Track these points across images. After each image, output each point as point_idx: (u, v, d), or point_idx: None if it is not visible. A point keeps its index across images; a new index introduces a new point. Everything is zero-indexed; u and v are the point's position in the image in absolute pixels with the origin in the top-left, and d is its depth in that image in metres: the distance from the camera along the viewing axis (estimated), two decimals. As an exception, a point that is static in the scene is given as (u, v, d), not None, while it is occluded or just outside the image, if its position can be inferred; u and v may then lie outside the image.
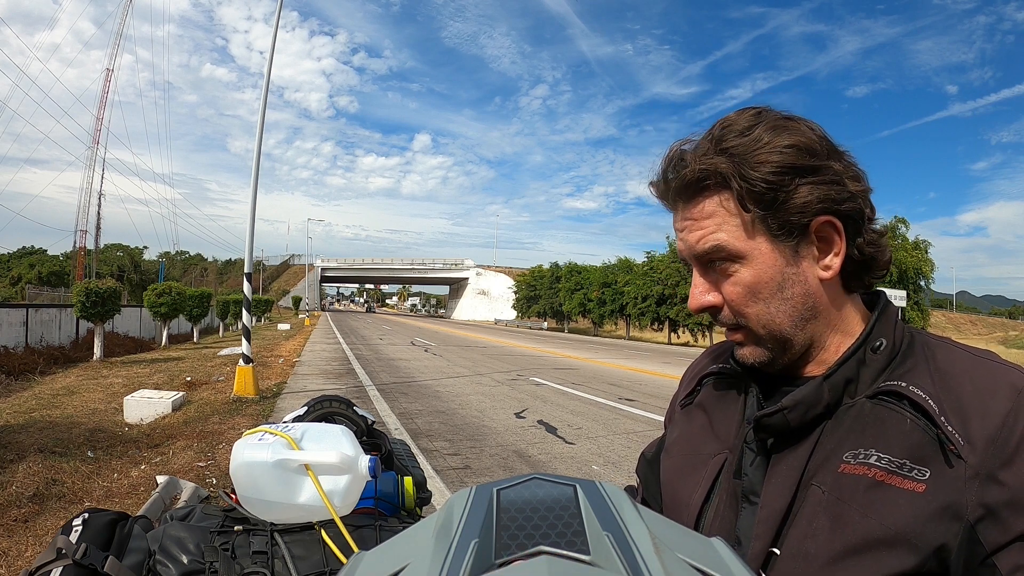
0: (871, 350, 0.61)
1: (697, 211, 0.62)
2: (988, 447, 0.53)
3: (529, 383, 11.11)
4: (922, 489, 0.54)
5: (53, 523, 3.54)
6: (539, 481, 0.36)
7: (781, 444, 0.62)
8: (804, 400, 0.59)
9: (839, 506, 0.56)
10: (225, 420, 6.69)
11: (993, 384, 0.56)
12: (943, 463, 0.54)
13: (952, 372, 0.58)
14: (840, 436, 0.59)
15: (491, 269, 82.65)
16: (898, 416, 0.57)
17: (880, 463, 0.55)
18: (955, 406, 0.55)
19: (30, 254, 64.15)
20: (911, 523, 0.53)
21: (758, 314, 0.62)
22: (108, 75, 54.73)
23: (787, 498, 0.59)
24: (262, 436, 0.84)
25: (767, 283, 0.61)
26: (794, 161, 0.58)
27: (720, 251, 0.61)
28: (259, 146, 9.39)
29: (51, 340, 15.29)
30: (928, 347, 0.62)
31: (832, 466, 0.58)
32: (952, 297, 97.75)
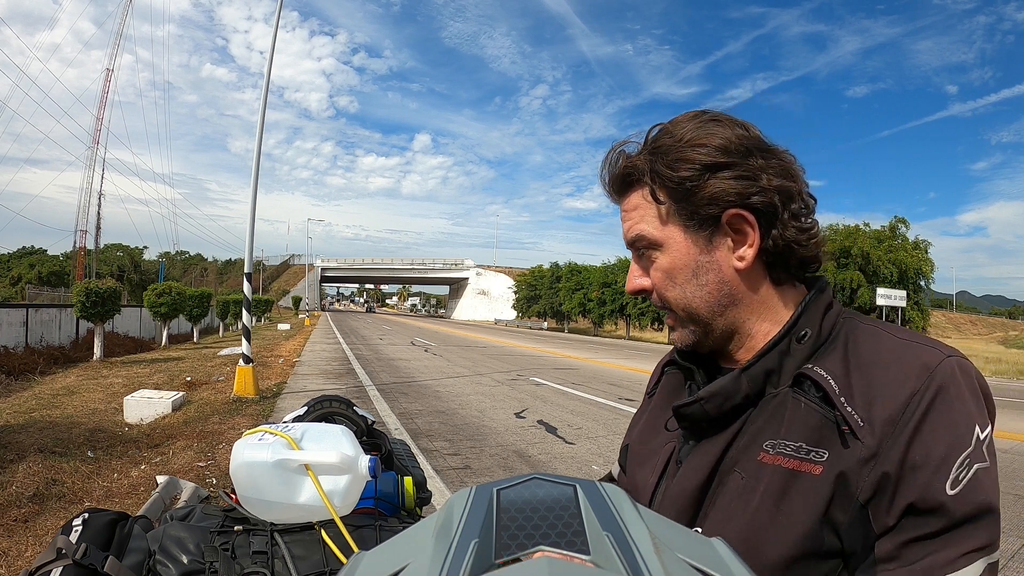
0: (796, 340, 0.63)
1: (627, 203, 0.69)
2: (886, 428, 0.54)
3: (529, 383, 11.11)
4: (819, 471, 0.55)
5: (53, 523, 3.54)
6: (539, 481, 0.36)
7: (710, 431, 0.65)
8: (721, 391, 0.62)
9: (754, 493, 0.58)
10: (225, 420, 6.69)
11: (906, 366, 0.57)
12: (840, 444, 0.55)
13: (871, 358, 0.59)
14: (761, 425, 0.61)
15: (491, 269, 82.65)
16: (802, 401, 0.59)
17: (787, 451, 0.58)
18: (865, 389, 0.56)
19: (30, 254, 64.15)
20: (812, 505, 0.55)
21: (676, 298, 0.67)
22: (108, 75, 54.74)
23: (699, 481, 0.63)
24: (262, 436, 0.84)
25: (682, 269, 0.65)
26: (705, 158, 0.62)
27: (642, 239, 0.67)
28: (259, 146, 9.39)
29: (51, 340, 15.29)
30: (853, 334, 0.63)
31: (752, 454, 0.60)
32: (952, 297, 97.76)
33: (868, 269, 23.62)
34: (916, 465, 0.53)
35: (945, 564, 0.51)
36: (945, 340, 11.90)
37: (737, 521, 0.59)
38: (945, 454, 0.52)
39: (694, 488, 0.63)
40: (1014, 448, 6.58)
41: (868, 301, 22.72)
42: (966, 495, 0.52)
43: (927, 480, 0.52)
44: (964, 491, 0.52)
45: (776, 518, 0.57)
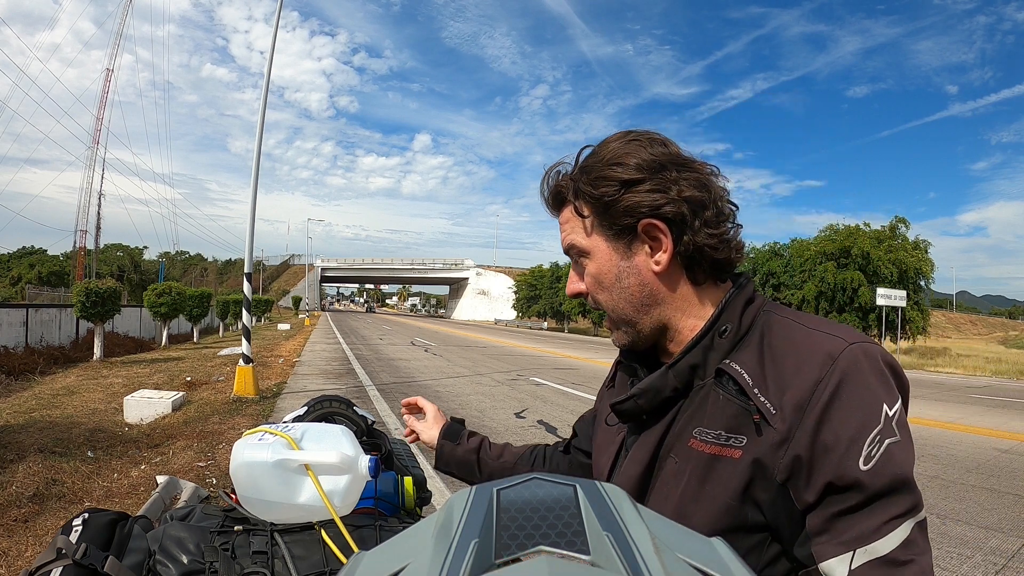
0: (718, 335, 0.69)
1: (562, 217, 0.76)
2: (795, 414, 0.59)
3: (529, 383, 11.11)
4: (738, 456, 0.62)
5: (53, 523, 3.54)
6: (539, 481, 0.36)
7: (648, 422, 0.72)
8: (651, 387, 0.69)
9: (685, 475, 0.66)
10: (225, 420, 6.68)
11: (811, 355, 0.61)
12: (754, 431, 0.61)
13: (783, 347, 0.64)
14: (691, 414, 0.68)
15: (491, 269, 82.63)
16: (720, 393, 0.65)
17: (708, 438, 0.65)
18: (777, 379, 0.62)
19: (30, 254, 64.14)
20: (731, 486, 0.62)
21: (605, 300, 0.74)
22: (108, 75, 54.72)
23: (641, 467, 0.70)
24: (262, 436, 0.84)
25: (606, 274, 0.73)
26: (622, 175, 0.69)
27: (573, 248, 0.74)
28: (259, 146, 9.39)
29: (51, 340, 15.28)
30: (769, 327, 0.68)
31: (685, 440, 0.67)
32: (952, 297, 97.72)
33: (868, 269, 23.59)
34: (828, 446, 0.58)
35: (872, 532, 0.56)
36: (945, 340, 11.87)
37: (671, 501, 0.66)
38: (855, 434, 0.57)
39: (638, 474, 0.70)
40: (1014, 448, 6.58)
41: (868, 301, 22.70)
42: (880, 469, 0.57)
43: (839, 459, 0.57)
44: (877, 466, 0.57)
45: (700, 497, 0.64)
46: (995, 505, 4.48)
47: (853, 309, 23.88)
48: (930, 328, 26.45)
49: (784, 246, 28.32)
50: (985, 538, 3.79)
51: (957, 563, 3.39)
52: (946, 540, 3.74)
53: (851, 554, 0.56)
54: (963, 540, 3.75)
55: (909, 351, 27.15)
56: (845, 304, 24.08)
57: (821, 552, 0.58)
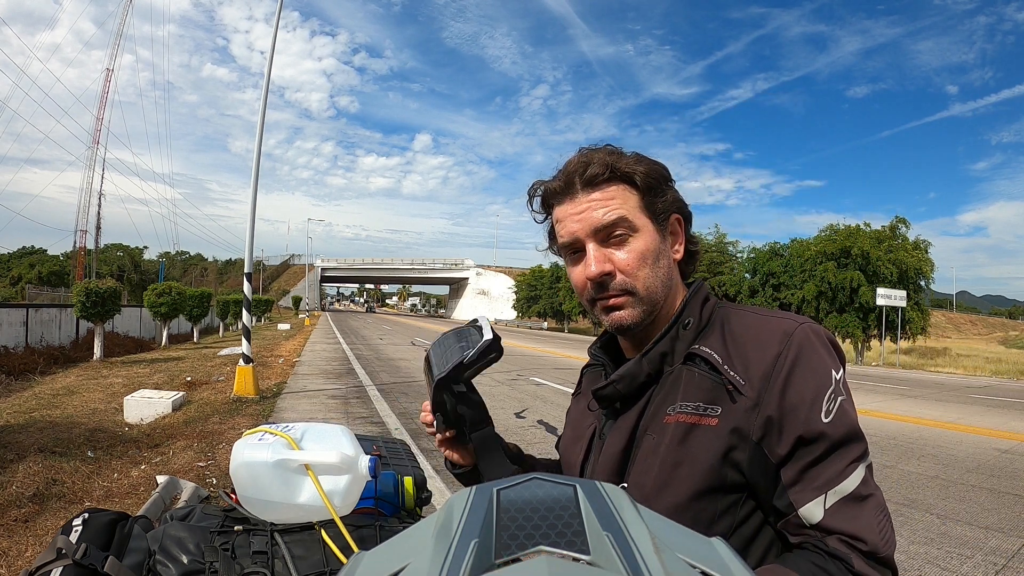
0: (682, 327, 0.79)
1: (602, 194, 0.79)
2: (763, 382, 0.70)
3: (529, 383, 11.11)
4: (715, 423, 0.71)
5: (53, 523, 3.54)
6: (539, 481, 0.36)
7: (623, 408, 0.80)
8: (627, 374, 0.78)
9: (663, 447, 0.73)
10: (225, 420, 6.68)
11: (769, 334, 0.73)
12: (729, 400, 0.71)
13: (740, 332, 0.76)
14: (663, 396, 0.76)
15: (491, 269, 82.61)
16: (695, 372, 0.75)
17: (686, 410, 0.73)
18: (740, 357, 0.73)
19: (30, 254, 64.13)
20: (711, 449, 0.70)
21: (645, 277, 0.78)
22: (108, 75, 54.72)
23: (621, 445, 0.77)
24: (262, 436, 0.84)
25: (651, 252, 0.78)
26: (662, 172, 0.81)
27: (623, 221, 0.77)
28: (259, 146, 9.38)
29: (51, 340, 15.28)
30: (726, 318, 0.79)
31: (659, 418, 0.75)
32: (952, 297, 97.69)
33: (868, 269, 23.55)
34: (794, 405, 0.68)
35: (838, 475, 0.67)
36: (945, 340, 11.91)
37: (651, 472, 0.73)
38: (815, 394, 0.69)
39: (618, 452, 0.78)
40: (1014, 448, 6.58)
41: (868, 301, 22.68)
42: (838, 421, 0.68)
43: (806, 415, 0.68)
44: (835, 419, 0.68)
45: (681, 462, 0.71)
46: (995, 505, 4.48)
47: (853, 309, 23.85)
48: (930, 328, 26.42)
49: (784, 246, 28.28)
50: (985, 538, 3.79)
51: (957, 563, 3.39)
52: (946, 540, 3.74)
53: (823, 496, 0.66)
54: (963, 540, 3.75)
55: (909, 351, 27.15)
56: (845, 304, 24.05)
57: (798, 499, 0.67)
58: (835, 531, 0.66)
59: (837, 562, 0.65)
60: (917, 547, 3.61)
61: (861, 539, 0.65)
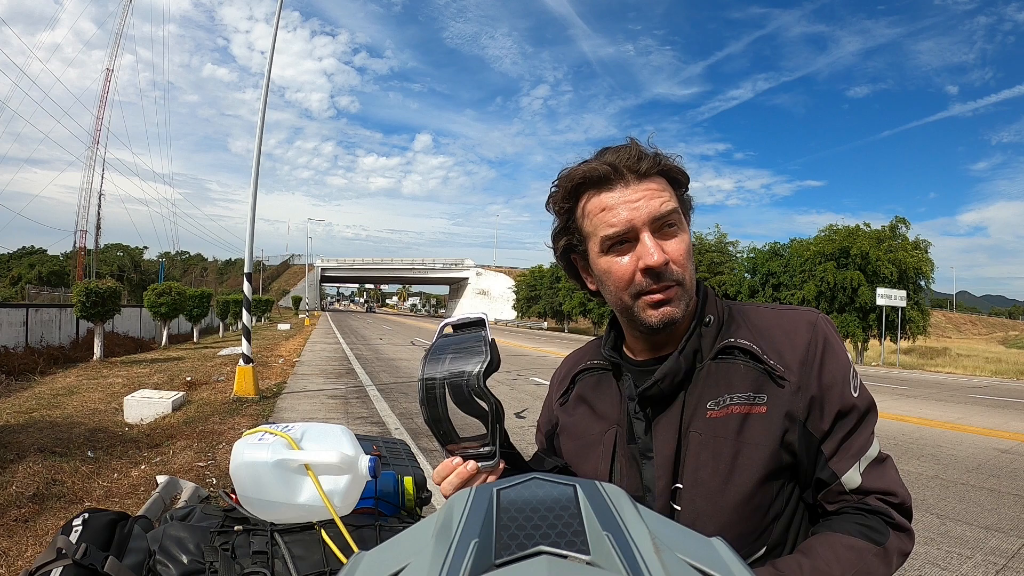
0: (704, 325, 0.81)
1: (655, 185, 0.79)
2: (801, 367, 0.76)
3: (529, 383, 11.11)
4: (764, 410, 0.75)
5: (53, 523, 3.54)
6: (539, 481, 0.36)
7: (657, 410, 0.80)
8: (670, 371, 0.78)
9: (714, 441, 0.75)
10: (225, 420, 6.68)
11: (794, 325, 0.79)
12: (775, 387, 0.76)
13: (763, 324, 0.81)
14: (699, 393, 0.78)
15: (491, 269, 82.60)
16: (735, 364, 0.78)
17: (737, 401, 0.76)
18: (771, 347, 0.78)
19: (30, 254, 64.14)
20: (764, 436, 0.74)
21: (690, 271, 0.79)
22: (108, 75, 54.74)
23: (672, 445, 0.78)
24: (262, 436, 0.84)
25: (689, 248, 0.80)
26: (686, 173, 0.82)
27: (675, 213, 0.78)
28: (259, 146, 9.39)
29: (51, 340, 15.28)
30: (743, 313, 0.84)
31: (701, 414, 0.77)
32: (952, 297, 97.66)
33: (868, 269, 23.56)
34: (830, 385, 0.76)
35: (866, 442, 0.76)
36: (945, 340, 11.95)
37: (708, 467, 0.75)
38: (844, 373, 0.77)
39: (671, 454, 0.78)
40: (1014, 448, 6.58)
41: (868, 301, 22.68)
42: (863, 394, 0.78)
43: (840, 391, 0.76)
44: (861, 392, 0.78)
45: (740, 451, 0.74)
46: (995, 505, 4.48)
47: (853, 309, 23.84)
48: (930, 328, 26.41)
49: (784, 246, 28.28)
50: (985, 538, 3.79)
51: (957, 563, 3.39)
52: (946, 540, 3.74)
53: (858, 462, 0.75)
54: (963, 540, 3.75)
55: (909, 351, 27.14)
56: (845, 304, 24.04)
57: (840, 468, 0.75)
58: (872, 491, 0.74)
59: (878, 517, 0.73)
60: (917, 547, 3.60)
61: (892, 493, 0.75)
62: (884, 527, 0.73)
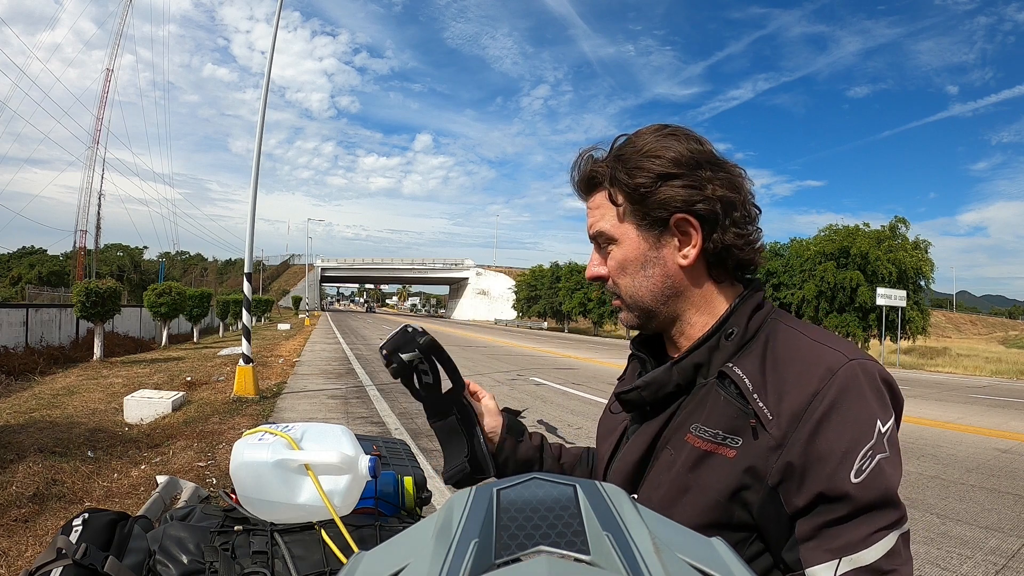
0: (724, 337, 0.71)
1: (592, 202, 0.78)
2: (792, 422, 0.61)
3: (529, 383, 11.11)
4: (733, 455, 0.64)
5: (53, 523, 3.54)
6: (539, 481, 0.36)
7: (650, 413, 0.75)
8: (654, 381, 0.73)
9: (677, 467, 0.69)
10: (225, 420, 6.68)
11: (814, 367, 0.64)
12: (750, 435, 0.64)
13: (786, 356, 0.67)
14: (691, 410, 0.71)
15: (491, 269, 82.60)
16: (721, 395, 0.68)
17: (705, 435, 0.67)
18: (778, 385, 0.64)
19: (30, 254, 64.15)
20: (722, 483, 0.64)
21: (626, 286, 0.76)
22: (108, 75, 54.73)
23: (638, 455, 0.73)
24: (262, 436, 0.84)
25: (632, 262, 0.75)
26: (659, 168, 0.71)
27: (601, 235, 0.76)
28: (259, 146, 9.39)
29: (51, 340, 15.28)
30: (774, 334, 0.71)
31: (682, 434, 0.70)
32: (952, 297, 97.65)
33: (867, 269, 23.58)
34: (821, 457, 0.60)
35: (859, 542, 0.58)
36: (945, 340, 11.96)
37: (661, 489, 0.70)
38: (848, 448, 0.60)
39: (635, 461, 0.74)
40: (1014, 448, 6.58)
41: (868, 301, 22.69)
42: (869, 483, 0.59)
43: (832, 471, 0.59)
44: (867, 480, 0.59)
45: (688, 490, 0.66)
46: (995, 505, 4.48)
47: (853, 309, 23.86)
48: (930, 328, 26.43)
49: (784, 246, 28.30)
50: (985, 538, 3.79)
51: (957, 563, 3.39)
52: (946, 540, 3.74)
53: (837, 562, 0.58)
54: (963, 540, 3.75)
55: (909, 351, 27.14)
56: (845, 304, 24.06)
57: (808, 558, 0.60)
58: None
59: None
60: (917, 547, 3.61)
61: None
62: None
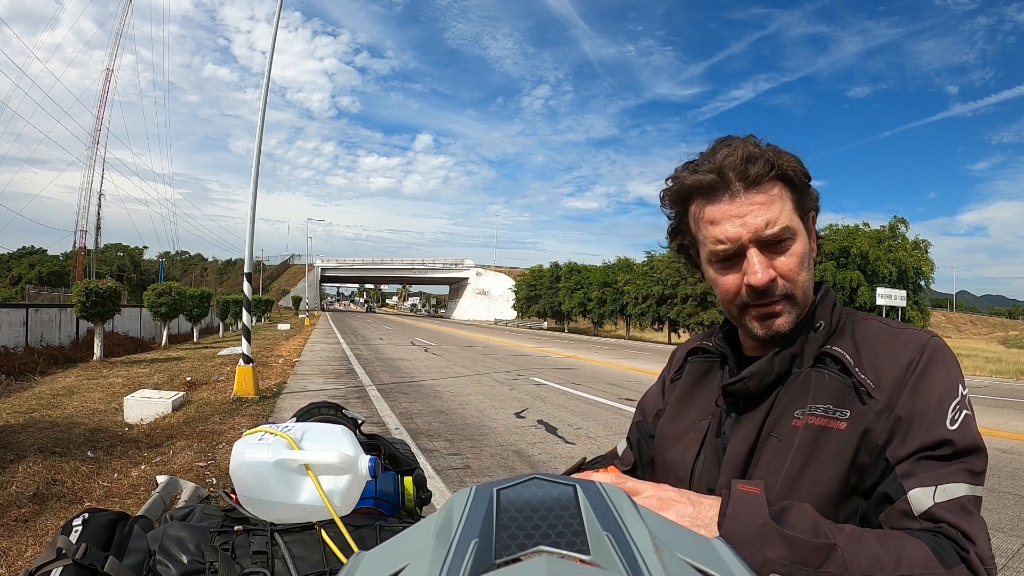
0: (813, 330, 0.78)
1: (766, 196, 0.75)
2: (894, 387, 0.70)
3: (529, 383, 11.11)
4: (844, 427, 0.70)
5: (53, 523, 3.54)
6: (539, 481, 0.36)
7: (747, 406, 0.79)
8: (759, 371, 0.76)
9: (790, 451, 0.72)
10: (225, 420, 6.68)
11: (903, 342, 0.74)
12: (858, 403, 0.71)
13: (872, 338, 0.76)
14: (790, 398, 0.75)
15: (491, 269, 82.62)
16: (824, 373, 0.74)
17: (816, 412, 0.72)
18: (872, 361, 0.73)
19: (30, 254, 64.16)
20: (836, 453, 0.69)
21: (803, 282, 0.76)
22: (108, 75, 54.74)
23: (748, 446, 0.76)
24: (262, 436, 0.84)
25: (806, 255, 0.77)
26: (805, 170, 0.77)
27: (787, 230, 0.75)
28: (259, 146, 9.38)
29: (51, 340, 15.28)
30: (855, 324, 0.79)
31: (786, 421, 0.74)
32: (952, 297, 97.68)
33: (868, 269, 23.59)
34: (922, 410, 0.68)
35: (951, 475, 0.65)
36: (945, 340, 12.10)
37: (778, 475, 0.72)
38: (940, 401, 0.68)
39: (743, 453, 0.76)
40: (1014, 448, 6.57)
41: (868, 300, 22.69)
42: (962, 432, 0.67)
43: (931, 420, 0.67)
44: (960, 428, 0.67)
45: (809, 467, 0.70)
46: (995, 505, 4.48)
47: (853, 309, 23.90)
48: (930, 328, 26.42)
49: (784, 246, 28.31)
50: (985, 538, 3.79)
51: (957, 563, 3.39)
52: (946, 540, 3.74)
53: (934, 489, 0.64)
54: (963, 540, 3.74)
55: (909, 351, 27.08)
56: (845, 304, 24.06)
57: (909, 484, 0.66)
58: (944, 520, 0.62)
59: (950, 543, 0.61)
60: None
61: (972, 540, 0.61)
62: (955, 555, 0.60)
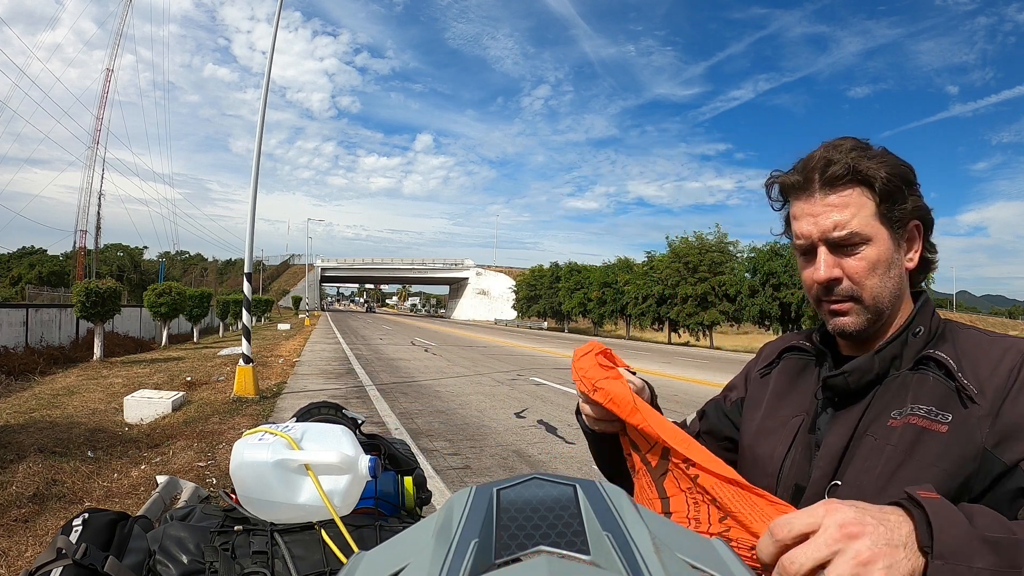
0: (912, 334, 0.79)
1: (838, 199, 0.77)
2: (998, 392, 0.70)
3: (529, 383, 11.11)
4: (944, 430, 0.70)
5: (53, 523, 3.54)
6: (539, 481, 0.36)
7: (844, 403, 0.80)
8: (860, 367, 0.78)
9: (887, 450, 0.73)
10: (225, 420, 6.69)
11: (1004, 350, 0.74)
12: (960, 407, 0.71)
13: (972, 346, 0.77)
14: (888, 399, 0.76)
15: (491, 269, 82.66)
16: (928, 376, 0.75)
17: (917, 413, 0.73)
18: (973, 368, 0.73)
19: (30, 254, 64.19)
20: (936, 456, 0.69)
21: (873, 286, 0.78)
22: (108, 75, 54.77)
23: (843, 442, 0.77)
24: (262, 436, 0.84)
25: (883, 262, 0.78)
26: (906, 175, 0.78)
27: (856, 235, 0.77)
28: (259, 146, 9.39)
29: (51, 340, 15.28)
30: (954, 332, 0.81)
31: (883, 421, 0.75)
32: (952, 297, 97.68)
33: (868, 269, 23.58)
34: None
35: None
36: (945, 340, 12.15)
37: (873, 472, 0.73)
38: None
39: (838, 450, 0.77)
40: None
41: (868, 301, 22.67)
42: None
43: None
44: None
45: (904, 467, 0.71)
46: None
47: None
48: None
49: (785, 246, 28.27)
50: (985, 538, 3.78)
51: (957, 563, 3.38)
52: (946, 540, 3.73)
53: None
54: (963, 540, 3.74)
55: (909, 351, 27.06)
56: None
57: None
58: None
59: None
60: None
61: None
62: None
